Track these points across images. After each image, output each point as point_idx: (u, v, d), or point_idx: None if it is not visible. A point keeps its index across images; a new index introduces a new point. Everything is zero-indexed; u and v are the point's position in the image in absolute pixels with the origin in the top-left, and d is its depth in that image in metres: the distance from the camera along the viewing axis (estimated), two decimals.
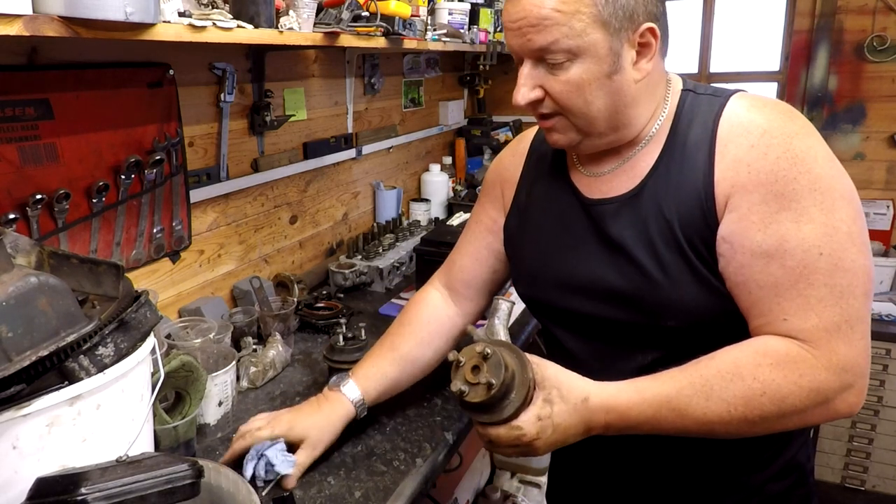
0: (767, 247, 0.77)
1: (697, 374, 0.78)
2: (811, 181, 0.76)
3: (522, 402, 0.76)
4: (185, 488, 0.71)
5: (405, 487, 1.06)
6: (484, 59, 2.43)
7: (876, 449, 2.46)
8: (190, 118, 1.51)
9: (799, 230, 0.76)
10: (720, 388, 0.76)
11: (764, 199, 0.77)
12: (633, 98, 0.84)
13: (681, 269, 0.82)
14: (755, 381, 0.75)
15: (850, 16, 2.50)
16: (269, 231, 1.86)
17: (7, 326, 0.70)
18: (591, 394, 0.80)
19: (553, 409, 0.78)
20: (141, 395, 0.88)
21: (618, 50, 0.81)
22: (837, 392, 0.76)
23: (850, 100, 2.57)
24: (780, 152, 0.77)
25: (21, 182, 1.15)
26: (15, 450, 0.73)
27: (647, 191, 0.86)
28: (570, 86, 0.82)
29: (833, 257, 0.75)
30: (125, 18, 0.88)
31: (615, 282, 0.88)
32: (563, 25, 0.78)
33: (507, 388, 0.76)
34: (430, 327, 1.14)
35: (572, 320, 0.96)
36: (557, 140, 0.91)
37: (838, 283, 0.75)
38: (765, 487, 0.94)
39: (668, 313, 0.84)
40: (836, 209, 0.76)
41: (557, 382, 0.80)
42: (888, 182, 2.58)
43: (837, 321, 0.75)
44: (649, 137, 0.88)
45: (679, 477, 0.96)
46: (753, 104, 0.83)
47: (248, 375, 1.37)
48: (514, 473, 2.42)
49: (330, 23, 1.45)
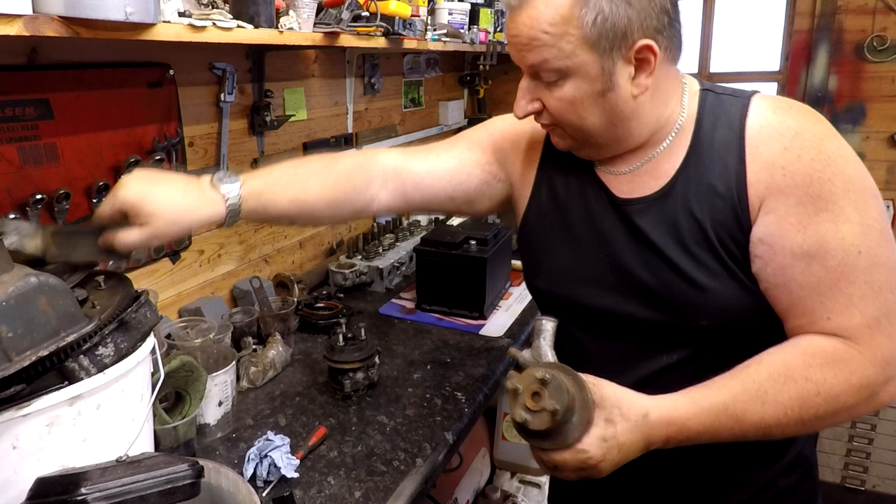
0: (808, 247, 0.78)
1: (750, 378, 0.78)
2: (845, 182, 0.78)
3: (585, 424, 0.75)
4: (185, 488, 0.71)
5: (405, 487, 1.06)
6: (484, 59, 2.43)
7: (876, 449, 2.46)
8: (190, 118, 1.51)
9: (838, 230, 0.77)
10: (775, 391, 0.77)
11: (800, 202, 0.78)
12: (631, 112, 0.85)
13: (714, 268, 0.83)
14: (808, 381, 0.76)
15: (850, 16, 2.50)
16: (269, 231, 1.86)
17: (7, 326, 0.70)
18: (651, 409, 0.78)
19: (616, 428, 0.77)
20: (141, 395, 0.88)
21: (610, 69, 0.81)
22: (882, 385, 0.78)
23: (850, 100, 2.57)
24: (814, 154, 0.78)
25: (21, 182, 1.15)
26: (15, 450, 0.73)
27: (675, 191, 0.86)
28: (563, 102, 0.84)
29: (871, 254, 0.77)
30: (125, 18, 0.88)
31: (647, 280, 0.87)
32: (552, 47, 0.80)
33: (570, 412, 0.74)
34: (346, 187, 1.01)
35: (596, 319, 0.95)
36: (557, 143, 0.93)
37: (876, 279, 0.77)
38: (775, 482, 0.95)
39: (701, 312, 0.84)
40: (869, 207, 0.78)
41: (617, 401, 0.78)
42: (888, 182, 2.58)
43: (878, 316, 0.77)
44: (671, 137, 0.88)
45: (688, 473, 0.96)
46: (779, 105, 0.84)
47: (248, 375, 1.37)
48: (514, 473, 2.42)
49: (330, 23, 1.45)
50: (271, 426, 1.23)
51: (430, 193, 1.07)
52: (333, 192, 1.00)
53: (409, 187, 1.06)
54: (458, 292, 1.77)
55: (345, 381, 1.32)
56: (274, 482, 1.06)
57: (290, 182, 0.97)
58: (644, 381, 0.83)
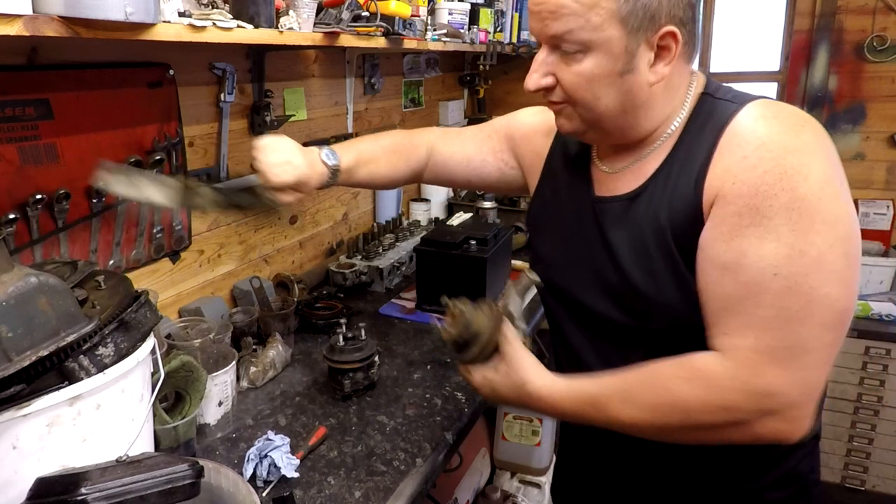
0: (726, 259, 0.76)
1: (623, 378, 0.83)
2: (791, 199, 0.72)
3: (476, 356, 0.94)
4: (185, 488, 0.71)
5: (405, 487, 1.06)
6: (484, 59, 2.43)
7: (876, 449, 2.46)
8: (190, 118, 1.51)
9: (761, 247, 0.73)
10: (636, 393, 0.81)
11: (738, 212, 0.75)
12: (644, 100, 0.84)
13: (666, 273, 0.83)
14: (665, 391, 0.79)
15: (850, 16, 2.50)
16: (269, 231, 1.86)
17: (7, 326, 0.70)
18: (528, 382, 0.90)
19: (495, 377, 0.93)
20: (141, 395, 0.88)
21: (633, 50, 0.79)
22: (754, 415, 0.75)
23: (850, 100, 2.57)
24: (770, 166, 0.74)
25: (21, 182, 1.15)
26: (15, 450, 0.73)
27: (646, 193, 0.86)
28: (580, 78, 0.82)
29: (789, 280, 0.72)
30: (125, 18, 0.88)
31: (609, 279, 0.89)
32: (580, 17, 0.78)
33: (466, 341, 0.93)
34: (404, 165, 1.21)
35: (581, 313, 0.97)
36: (563, 125, 0.91)
37: (788, 307, 0.72)
38: (763, 495, 0.95)
39: (651, 314, 0.85)
40: (811, 232, 0.72)
41: (510, 360, 0.92)
42: (888, 182, 2.58)
43: (774, 346, 0.74)
44: (664, 138, 0.87)
45: (679, 481, 0.97)
46: (764, 114, 0.79)
47: (248, 375, 1.37)
48: (514, 473, 2.42)
49: (330, 23, 1.45)
50: (271, 426, 1.23)
51: (454, 174, 1.22)
52: (396, 169, 1.20)
53: (438, 167, 1.22)
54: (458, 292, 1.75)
55: (345, 381, 1.32)
56: (274, 482, 1.06)
57: (369, 160, 1.16)
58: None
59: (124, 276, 0.92)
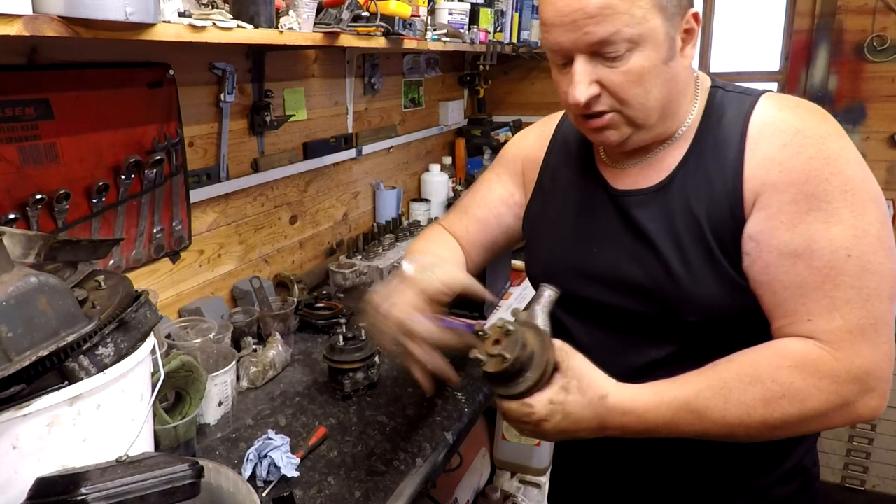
0: (795, 246, 0.76)
1: (716, 376, 0.77)
2: (843, 182, 0.75)
3: (537, 381, 0.77)
4: (185, 488, 0.71)
5: (405, 487, 1.06)
6: (484, 59, 2.42)
7: (876, 449, 2.46)
8: (190, 118, 1.51)
9: (828, 231, 0.75)
10: (739, 390, 0.75)
11: (794, 199, 0.77)
12: (684, 84, 0.85)
13: (704, 264, 0.82)
14: (774, 383, 0.75)
15: (850, 16, 2.50)
16: (269, 231, 1.86)
17: (7, 326, 0.70)
18: (611, 393, 0.79)
19: (568, 397, 0.78)
20: (141, 395, 0.88)
21: (672, 35, 0.80)
22: (858, 395, 0.75)
23: (850, 100, 2.57)
24: (813, 152, 0.76)
25: (21, 182, 1.15)
26: (15, 450, 0.73)
27: (675, 184, 0.86)
28: (630, 76, 0.79)
29: (862, 260, 0.74)
30: (125, 18, 0.88)
31: (636, 273, 0.87)
32: (625, 14, 0.76)
33: (523, 365, 0.78)
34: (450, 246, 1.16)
35: (586, 309, 0.95)
36: (608, 136, 0.86)
37: (865, 285, 0.74)
38: (770, 491, 0.94)
39: (687, 308, 0.83)
40: (867, 212, 0.75)
41: (580, 374, 0.79)
42: (888, 182, 2.58)
43: (862, 324, 0.74)
44: (680, 132, 0.88)
45: (683, 479, 0.96)
46: (785, 104, 0.83)
47: (248, 375, 1.37)
48: (514, 473, 2.42)
49: (330, 23, 1.45)
50: (271, 426, 1.23)
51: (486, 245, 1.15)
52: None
53: (469, 251, 1.15)
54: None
55: (345, 381, 1.32)
56: (274, 482, 1.06)
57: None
58: (632, 375, 0.82)
59: (124, 276, 0.92)
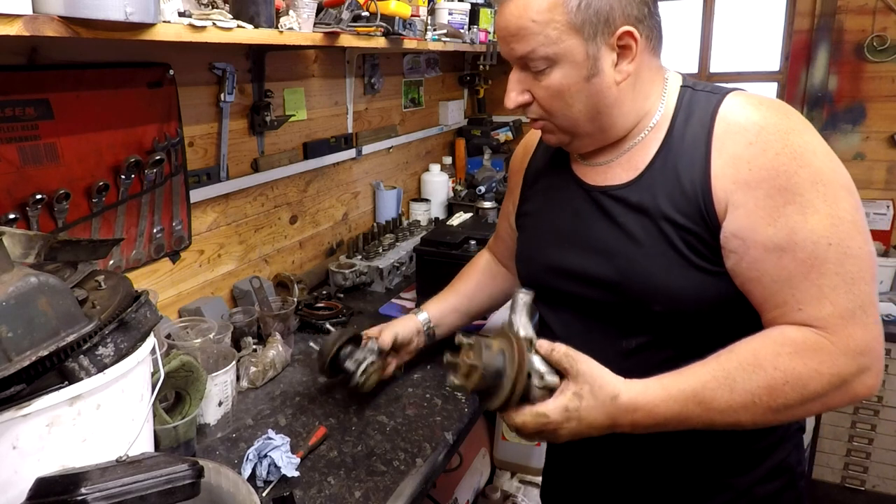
0: (779, 240, 0.79)
1: (720, 367, 0.80)
2: (812, 175, 0.78)
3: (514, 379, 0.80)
4: (185, 488, 0.71)
5: (405, 487, 1.06)
6: (484, 59, 2.43)
7: (876, 449, 2.45)
8: (190, 118, 1.51)
9: (806, 222, 0.78)
10: (743, 379, 0.78)
11: (769, 194, 0.79)
12: (615, 99, 0.88)
13: (669, 257, 0.85)
14: (776, 370, 0.77)
15: (850, 16, 2.50)
16: (269, 231, 1.86)
17: (7, 326, 0.70)
18: (622, 392, 0.81)
19: (582, 403, 0.81)
20: (141, 395, 0.88)
21: (595, 54, 0.84)
22: (855, 375, 0.78)
23: (850, 100, 2.57)
24: (779, 148, 0.79)
25: (21, 182, 1.15)
26: (15, 450, 0.73)
27: (644, 182, 0.89)
28: (551, 91, 0.87)
29: (842, 246, 0.77)
30: (125, 18, 0.88)
31: (604, 266, 0.91)
32: (539, 34, 0.83)
33: (497, 369, 0.81)
34: (483, 276, 1.37)
35: (561, 301, 0.99)
36: (548, 139, 0.97)
37: (848, 270, 0.77)
38: (752, 490, 0.95)
39: (653, 299, 0.87)
40: (839, 199, 0.78)
41: (591, 378, 0.81)
42: (888, 182, 2.58)
43: (851, 307, 0.77)
44: (647, 131, 0.91)
45: (666, 477, 0.97)
46: (749, 102, 0.85)
47: (248, 375, 1.37)
48: (514, 473, 2.42)
49: (330, 23, 1.45)
50: (271, 426, 1.23)
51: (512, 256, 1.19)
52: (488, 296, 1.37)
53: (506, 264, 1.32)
54: None
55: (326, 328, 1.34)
56: (274, 482, 1.06)
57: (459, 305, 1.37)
58: (610, 363, 0.84)
59: (124, 276, 0.92)
